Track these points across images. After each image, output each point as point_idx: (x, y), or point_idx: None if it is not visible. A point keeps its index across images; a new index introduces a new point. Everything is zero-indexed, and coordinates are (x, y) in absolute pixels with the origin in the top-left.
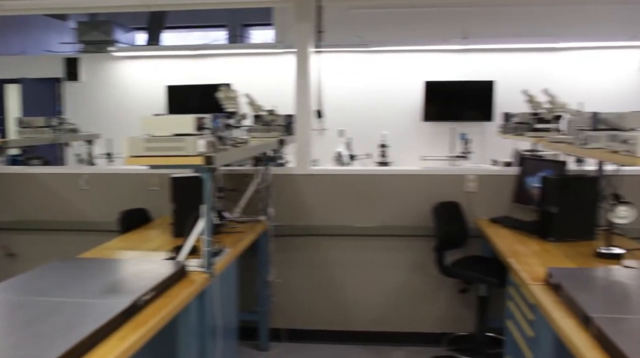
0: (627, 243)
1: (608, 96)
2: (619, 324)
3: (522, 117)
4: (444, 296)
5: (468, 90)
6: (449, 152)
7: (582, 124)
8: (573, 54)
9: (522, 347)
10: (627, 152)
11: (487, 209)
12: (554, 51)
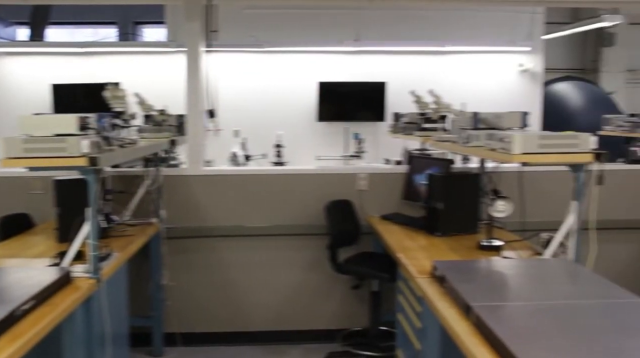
0: (506, 236)
1: (491, 97)
2: (495, 311)
3: (411, 117)
4: (338, 293)
5: (361, 91)
6: (343, 152)
7: (464, 123)
8: (459, 57)
9: (412, 338)
10: (503, 149)
11: (378, 207)
12: (441, 54)
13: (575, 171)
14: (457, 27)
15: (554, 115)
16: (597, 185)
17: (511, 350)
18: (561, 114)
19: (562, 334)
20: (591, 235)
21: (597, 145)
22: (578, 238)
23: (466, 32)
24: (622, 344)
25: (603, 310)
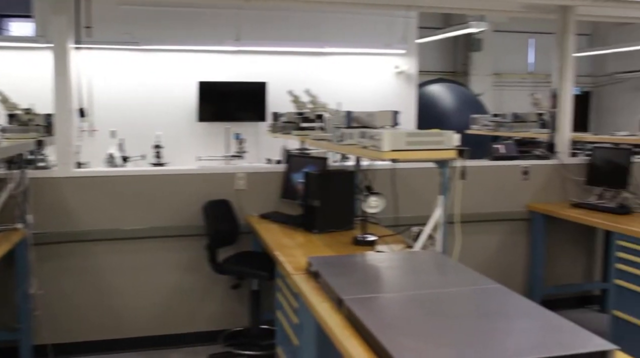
0: (380, 231)
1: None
2: (366, 303)
3: (289, 116)
4: (219, 293)
5: (242, 91)
6: (224, 152)
7: (339, 122)
8: (338, 58)
9: (290, 335)
10: (374, 147)
11: (257, 206)
12: (321, 55)
13: (441, 167)
14: (336, 29)
15: (427, 115)
16: (460, 180)
17: (379, 340)
18: (434, 114)
19: (428, 321)
20: (456, 228)
21: (460, 142)
22: (445, 230)
23: (345, 34)
24: (484, 327)
25: (467, 297)
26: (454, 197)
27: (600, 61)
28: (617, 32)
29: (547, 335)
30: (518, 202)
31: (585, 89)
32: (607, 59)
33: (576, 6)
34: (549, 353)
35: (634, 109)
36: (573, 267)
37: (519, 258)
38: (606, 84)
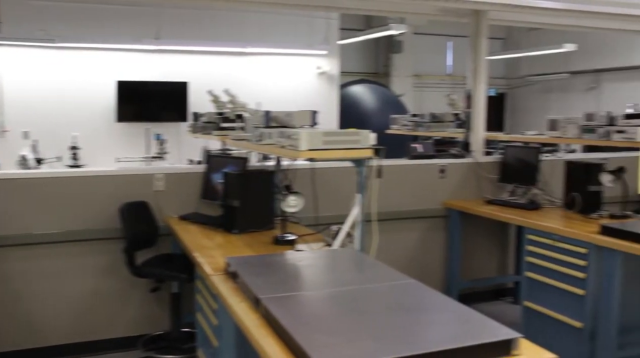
0: (300, 230)
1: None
2: (283, 302)
3: (209, 116)
4: (138, 297)
5: (163, 91)
6: (144, 153)
7: (258, 122)
8: (261, 58)
9: (210, 337)
10: (291, 146)
11: (177, 207)
12: (243, 55)
13: (358, 166)
14: (258, 29)
15: (350, 115)
16: (377, 178)
17: (294, 338)
18: (356, 114)
19: (345, 317)
20: (373, 226)
21: (377, 141)
22: (363, 228)
23: (267, 35)
24: (398, 321)
25: (383, 293)
26: (371, 195)
27: (514, 64)
28: (529, 36)
29: (458, 327)
30: (435, 199)
31: (501, 90)
32: (520, 62)
33: (488, 11)
34: (459, 344)
35: (544, 110)
36: (488, 261)
37: (437, 254)
38: (520, 85)
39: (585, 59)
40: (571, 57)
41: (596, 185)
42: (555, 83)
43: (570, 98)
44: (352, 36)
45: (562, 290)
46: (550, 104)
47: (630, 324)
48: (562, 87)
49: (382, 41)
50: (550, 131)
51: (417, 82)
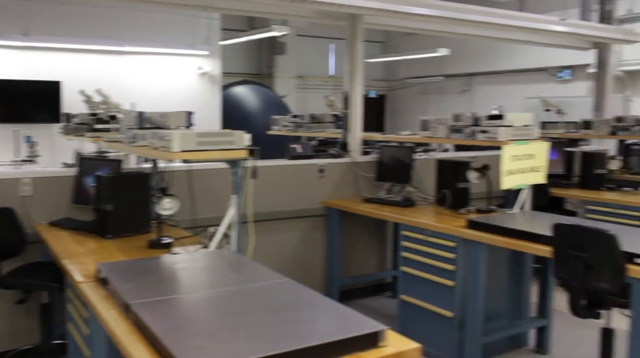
0: (177, 233)
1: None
2: (155, 307)
3: (82, 117)
4: (4, 310)
5: (33, 91)
6: (13, 157)
7: (131, 123)
8: (140, 58)
9: (82, 347)
10: (164, 148)
11: (47, 213)
12: (121, 54)
13: (233, 167)
14: (136, 27)
15: (232, 116)
16: (252, 179)
17: (163, 343)
18: (239, 116)
19: (218, 319)
20: (250, 226)
21: (250, 141)
22: (239, 229)
23: (146, 33)
24: (272, 319)
25: (257, 293)
26: (247, 196)
27: (393, 67)
28: (406, 41)
29: (328, 323)
30: (315, 199)
31: (381, 92)
32: (399, 65)
33: (363, 15)
34: (328, 339)
35: (422, 111)
36: (367, 258)
37: (318, 252)
38: (399, 88)
39: (458, 63)
40: (446, 62)
41: (464, 182)
42: (431, 85)
43: (446, 99)
44: (235, 37)
45: (434, 282)
46: (428, 106)
47: (494, 311)
48: (438, 89)
49: (265, 42)
50: (422, 131)
51: (300, 83)
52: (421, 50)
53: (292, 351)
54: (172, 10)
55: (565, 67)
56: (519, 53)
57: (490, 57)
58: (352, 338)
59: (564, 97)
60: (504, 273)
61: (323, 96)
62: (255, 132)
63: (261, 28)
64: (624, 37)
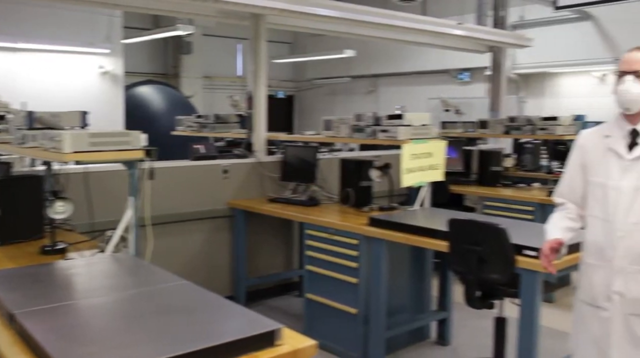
0: (73, 237)
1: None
2: (41, 315)
3: None
4: None
5: None
6: None
7: (21, 123)
8: (35, 55)
9: None
10: (55, 149)
11: None
12: (15, 51)
13: (129, 168)
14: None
15: (137, 117)
16: (149, 180)
17: (47, 352)
18: (144, 116)
19: (110, 325)
20: (148, 229)
21: (147, 142)
22: (137, 232)
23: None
24: (166, 323)
25: (153, 296)
26: (144, 197)
27: (301, 68)
28: (314, 42)
29: (224, 324)
30: (220, 200)
31: (289, 92)
32: (306, 66)
33: (266, 15)
34: (223, 340)
35: (330, 111)
36: (274, 257)
37: (224, 254)
38: (307, 88)
39: (364, 64)
40: (352, 63)
41: (367, 181)
42: (339, 86)
43: (353, 100)
44: (138, 35)
45: (338, 280)
46: (336, 106)
47: (397, 306)
48: (345, 90)
49: (171, 41)
50: (325, 131)
51: (207, 83)
52: (328, 52)
53: (184, 354)
54: (70, 6)
55: (464, 70)
56: (422, 55)
57: (395, 59)
58: (247, 338)
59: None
60: (406, 269)
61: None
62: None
63: (166, 27)
64: (516, 41)
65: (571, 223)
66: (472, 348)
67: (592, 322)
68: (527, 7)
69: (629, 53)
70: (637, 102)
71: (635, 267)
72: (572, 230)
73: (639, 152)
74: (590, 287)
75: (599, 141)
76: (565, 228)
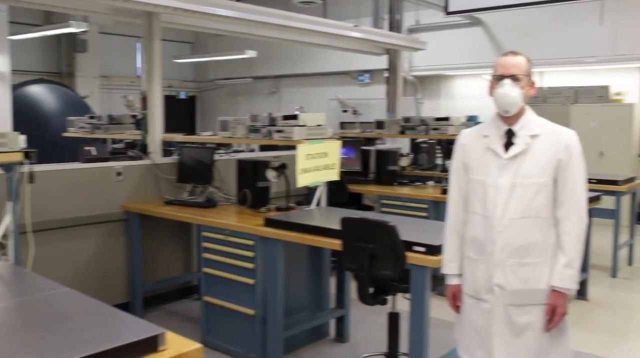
0: None
1: None
2: None
3: None
4: None
5: None
6: None
7: None
8: None
9: None
10: None
11: None
12: None
13: (7, 171)
14: None
15: (27, 118)
16: (29, 183)
17: None
18: (35, 117)
19: None
20: (29, 235)
21: (26, 144)
22: (17, 238)
23: None
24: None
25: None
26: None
27: (203, 68)
28: (215, 42)
29: (102, 331)
30: (113, 203)
31: (191, 93)
32: (208, 66)
33: (160, 13)
34: (103, 348)
35: (233, 112)
36: (173, 261)
37: (119, 259)
38: (209, 89)
39: (266, 65)
40: (254, 64)
41: (264, 181)
42: (241, 87)
43: (256, 101)
44: (28, 32)
45: (235, 281)
46: (238, 107)
47: (296, 306)
48: (247, 90)
49: (65, 39)
50: (222, 131)
51: (105, 83)
52: (230, 52)
53: None
54: None
55: (365, 71)
56: (324, 57)
57: (297, 60)
58: (127, 345)
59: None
60: (304, 268)
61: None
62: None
63: (58, 23)
64: (410, 44)
65: (459, 235)
66: (370, 343)
67: (474, 313)
68: (423, 12)
69: (504, 57)
70: (515, 105)
71: (513, 260)
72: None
73: (515, 151)
74: (473, 280)
75: (478, 140)
76: (460, 259)
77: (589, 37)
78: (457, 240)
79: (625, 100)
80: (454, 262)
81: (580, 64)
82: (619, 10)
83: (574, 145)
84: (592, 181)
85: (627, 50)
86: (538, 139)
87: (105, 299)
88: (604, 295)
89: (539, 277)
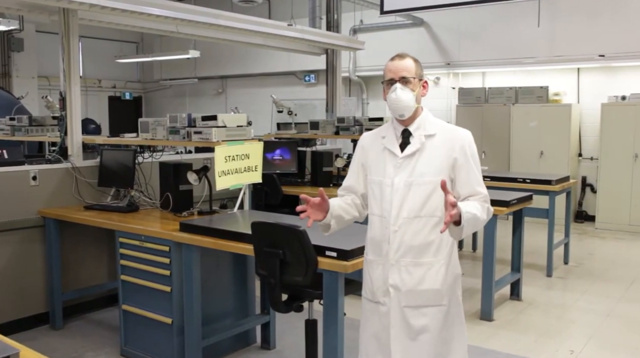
0: None
1: None
2: None
3: None
4: None
5: None
6: None
7: None
8: None
9: None
10: None
11: None
12: None
13: None
14: None
15: None
16: None
17: None
18: None
19: None
20: None
21: None
22: None
23: None
24: None
25: None
26: None
27: (148, 68)
28: (160, 41)
29: None
30: (29, 209)
31: (136, 94)
32: (154, 66)
33: (76, 10)
34: None
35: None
36: (97, 268)
37: (36, 267)
38: (155, 89)
39: (212, 66)
40: (200, 64)
41: (186, 185)
42: (187, 87)
43: (202, 101)
44: None
45: (152, 289)
46: (185, 107)
47: (218, 313)
48: (194, 91)
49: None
50: (143, 133)
51: (44, 83)
52: (174, 52)
53: None
54: None
55: (310, 72)
56: (270, 57)
57: (243, 61)
58: None
59: (309, 99)
60: (228, 273)
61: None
62: None
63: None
64: (348, 44)
65: (342, 203)
66: (296, 350)
67: (373, 317)
68: (367, 12)
69: (392, 62)
70: (409, 108)
71: (407, 260)
72: (341, 207)
73: (410, 150)
74: (371, 283)
75: (377, 142)
76: (335, 201)
77: (528, 38)
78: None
79: (563, 101)
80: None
81: (520, 64)
82: (555, 11)
83: (468, 144)
84: (526, 181)
85: (564, 51)
86: (433, 139)
87: (23, 310)
88: (538, 295)
89: (435, 276)
